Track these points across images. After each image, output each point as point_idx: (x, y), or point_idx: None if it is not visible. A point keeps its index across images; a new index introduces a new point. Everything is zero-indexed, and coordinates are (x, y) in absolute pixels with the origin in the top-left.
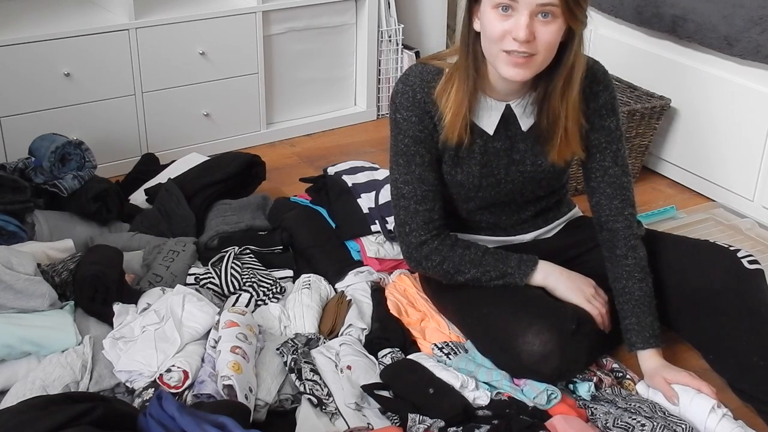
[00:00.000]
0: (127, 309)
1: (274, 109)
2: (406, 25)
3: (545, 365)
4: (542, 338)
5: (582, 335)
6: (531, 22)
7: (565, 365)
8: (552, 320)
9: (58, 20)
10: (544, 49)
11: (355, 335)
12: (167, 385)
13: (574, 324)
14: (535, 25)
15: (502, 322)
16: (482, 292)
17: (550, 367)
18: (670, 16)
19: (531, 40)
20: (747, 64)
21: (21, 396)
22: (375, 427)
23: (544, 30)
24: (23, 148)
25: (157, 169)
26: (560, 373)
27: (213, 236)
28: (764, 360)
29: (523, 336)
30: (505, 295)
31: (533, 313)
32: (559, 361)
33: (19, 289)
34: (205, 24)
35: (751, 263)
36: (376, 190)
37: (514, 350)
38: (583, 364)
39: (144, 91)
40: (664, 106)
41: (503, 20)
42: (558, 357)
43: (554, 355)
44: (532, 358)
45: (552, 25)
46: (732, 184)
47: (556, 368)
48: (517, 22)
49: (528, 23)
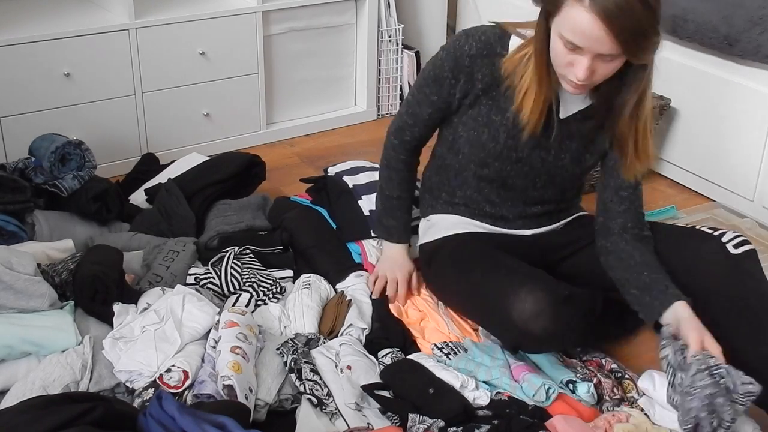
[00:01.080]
0: (127, 309)
1: (273, 109)
2: (406, 25)
3: (536, 324)
4: (535, 296)
5: (576, 304)
6: (593, 63)
7: (557, 328)
8: (545, 282)
9: (58, 20)
10: (600, 79)
11: (355, 335)
12: (167, 385)
13: (567, 291)
14: (596, 63)
15: (497, 286)
16: (478, 264)
17: (541, 326)
18: (670, 16)
19: (590, 76)
20: (747, 64)
21: (21, 396)
22: (375, 427)
23: (604, 67)
24: (23, 148)
25: (157, 169)
26: (552, 335)
27: (213, 236)
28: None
29: (515, 294)
30: (500, 262)
31: (527, 274)
32: (550, 322)
33: (19, 289)
34: (205, 24)
35: (737, 246)
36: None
37: (506, 309)
38: (574, 336)
39: (144, 91)
40: (664, 106)
41: (569, 53)
42: (549, 317)
43: (545, 314)
44: (523, 315)
45: (612, 64)
46: (732, 184)
47: (547, 329)
48: (580, 63)
49: (589, 65)
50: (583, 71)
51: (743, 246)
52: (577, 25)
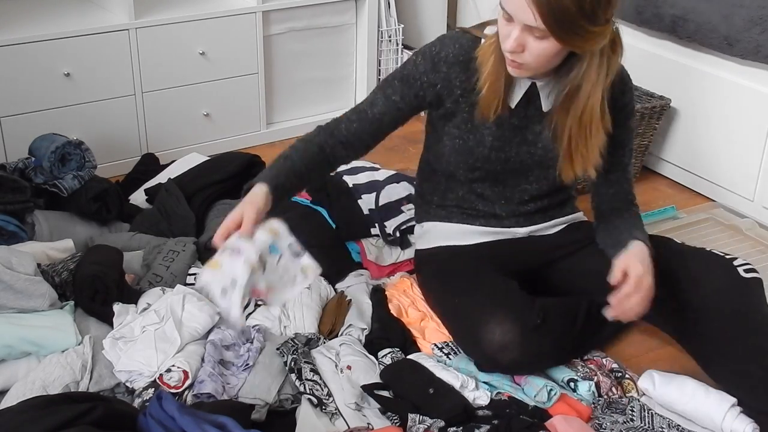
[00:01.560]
0: (127, 309)
1: (274, 109)
2: (406, 25)
3: (503, 356)
4: (503, 328)
5: (548, 330)
6: (522, 35)
7: (526, 358)
8: (516, 311)
9: (58, 20)
10: (534, 60)
11: (355, 335)
12: (167, 385)
13: (539, 318)
14: (526, 38)
15: (470, 310)
16: (458, 282)
17: (509, 358)
18: (670, 16)
19: (519, 51)
20: (747, 64)
21: (21, 396)
22: (375, 427)
23: (534, 45)
24: (23, 148)
25: (157, 169)
26: (520, 365)
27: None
28: (762, 370)
29: (486, 325)
30: (479, 284)
31: (499, 303)
32: (518, 354)
33: (19, 289)
34: (205, 24)
35: (747, 272)
36: (376, 192)
37: (477, 338)
38: (551, 359)
39: (144, 91)
40: (664, 106)
41: (506, 25)
42: (517, 349)
43: (514, 346)
44: (491, 347)
45: (543, 42)
46: (732, 184)
47: (515, 360)
48: (510, 33)
49: (518, 36)
50: (510, 42)
51: (753, 273)
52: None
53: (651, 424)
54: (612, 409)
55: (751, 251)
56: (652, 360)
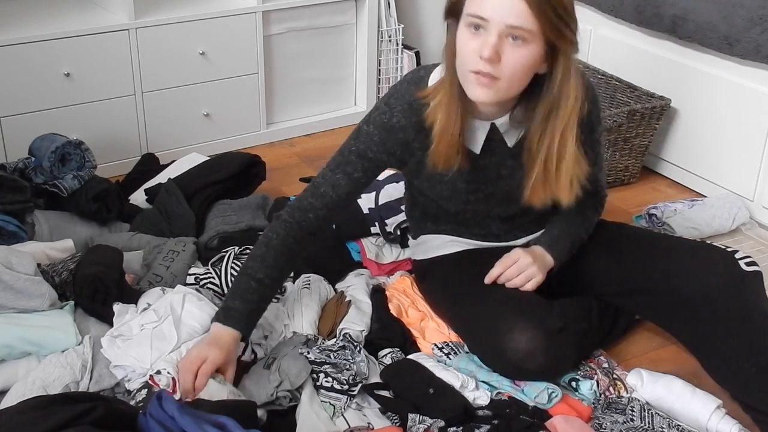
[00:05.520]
0: (127, 309)
1: (273, 109)
2: (406, 25)
3: (531, 362)
4: (527, 335)
5: (569, 333)
6: (499, 42)
7: (552, 362)
8: (538, 318)
9: (58, 20)
10: (509, 73)
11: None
12: (157, 385)
13: (560, 322)
14: (503, 47)
15: (488, 320)
16: (470, 290)
17: (536, 364)
18: (670, 16)
19: (496, 60)
20: (747, 64)
21: (21, 396)
22: (375, 427)
23: (512, 54)
24: (23, 148)
25: (157, 169)
26: (547, 370)
27: (213, 236)
28: (756, 366)
29: (509, 333)
30: (492, 292)
31: (519, 310)
32: (545, 359)
33: (19, 289)
34: (205, 24)
35: (748, 265)
36: (376, 191)
37: (500, 348)
38: (572, 362)
39: (144, 91)
40: (664, 106)
41: (474, 39)
42: (543, 355)
43: (539, 352)
44: (516, 355)
45: (521, 50)
46: (732, 184)
47: (542, 365)
48: (486, 40)
49: (495, 43)
50: (488, 48)
51: (753, 266)
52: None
53: (651, 424)
54: (612, 409)
55: (750, 251)
56: (652, 360)
